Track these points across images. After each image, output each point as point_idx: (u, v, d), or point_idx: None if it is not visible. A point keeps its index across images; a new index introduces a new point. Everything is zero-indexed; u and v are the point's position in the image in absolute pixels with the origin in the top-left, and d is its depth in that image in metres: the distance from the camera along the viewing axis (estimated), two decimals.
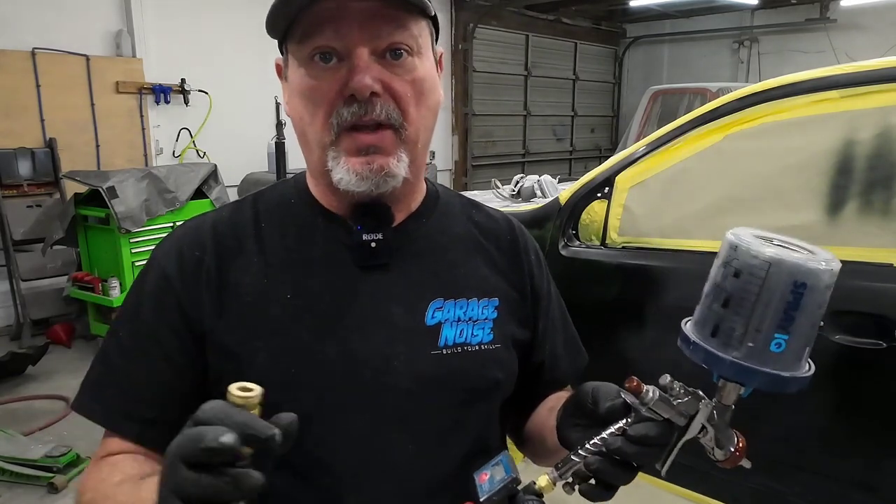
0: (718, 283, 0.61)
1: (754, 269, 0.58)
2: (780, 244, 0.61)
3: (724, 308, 0.60)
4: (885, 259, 1.66)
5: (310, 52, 0.71)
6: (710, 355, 0.61)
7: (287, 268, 0.78)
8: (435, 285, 0.80)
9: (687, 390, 0.65)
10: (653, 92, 7.78)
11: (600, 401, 0.69)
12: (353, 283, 0.77)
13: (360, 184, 0.72)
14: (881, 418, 1.70)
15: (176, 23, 5.71)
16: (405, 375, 0.76)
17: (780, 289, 0.57)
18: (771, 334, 0.58)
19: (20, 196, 4.69)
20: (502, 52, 9.37)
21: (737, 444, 0.65)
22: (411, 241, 0.81)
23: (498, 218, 0.93)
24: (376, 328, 0.76)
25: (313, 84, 0.72)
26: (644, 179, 2.13)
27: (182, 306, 0.75)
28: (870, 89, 1.69)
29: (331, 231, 0.79)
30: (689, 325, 0.65)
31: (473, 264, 0.84)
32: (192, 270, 0.76)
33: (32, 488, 2.81)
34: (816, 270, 0.57)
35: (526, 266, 0.89)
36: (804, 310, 0.57)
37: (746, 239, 0.60)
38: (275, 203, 0.83)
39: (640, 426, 0.64)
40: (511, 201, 3.72)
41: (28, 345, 4.33)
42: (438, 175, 8.07)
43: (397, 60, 0.72)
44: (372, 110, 0.70)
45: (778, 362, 0.59)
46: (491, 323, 0.82)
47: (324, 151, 0.73)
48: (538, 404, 0.91)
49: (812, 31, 9.16)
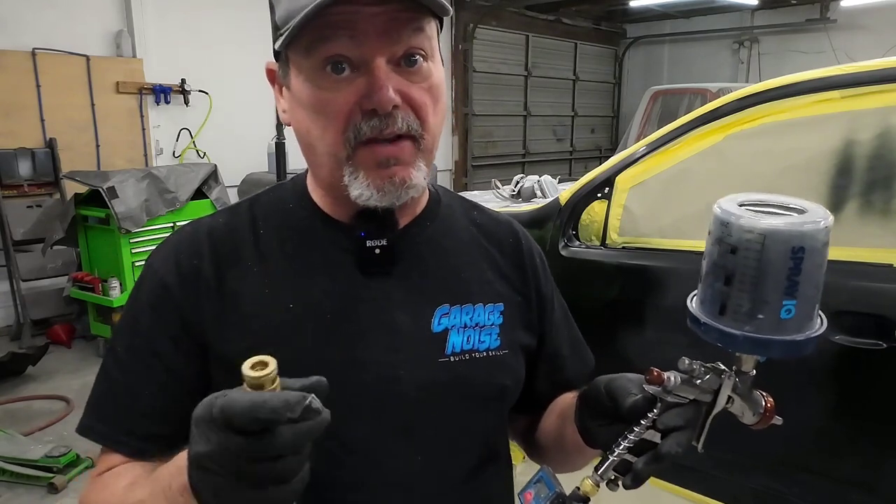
0: (716, 262, 0.60)
1: (750, 244, 0.57)
2: (769, 208, 0.60)
3: (727, 286, 0.59)
4: (885, 259, 1.66)
5: (320, 61, 0.66)
6: (723, 334, 0.60)
7: (288, 275, 0.75)
8: (440, 291, 0.78)
9: (706, 367, 0.65)
10: (653, 92, 7.78)
11: (618, 398, 0.68)
12: (357, 291, 0.75)
13: (381, 199, 0.69)
14: (881, 418, 1.70)
15: (176, 23, 5.71)
16: (412, 384, 0.74)
17: (779, 258, 0.56)
18: (779, 303, 0.57)
19: (20, 196, 4.70)
20: (502, 53, 9.37)
21: (765, 406, 0.66)
22: (415, 246, 0.79)
23: (500, 220, 0.91)
24: (381, 336, 0.74)
25: (326, 97, 0.67)
26: (644, 180, 2.13)
27: (183, 316, 0.73)
28: (870, 90, 1.69)
29: (332, 237, 0.77)
30: (695, 305, 0.64)
31: (478, 269, 0.83)
32: (192, 279, 0.74)
33: (32, 488, 2.82)
34: (812, 232, 0.56)
35: (530, 270, 0.88)
36: (806, 273, 0.56)
37: (736, 213, 0.58)
38: (273, 208, 0.80)
39: (669, 415, 0.65)
40: (511, 202, 3.72)
41: (28, 345, 4.33)
42: (438, 175, 8.07)
43: (413, 67, 0.68)
44: (393, 123, 0.67)
45: (790, 327, 0.58)
46: (497, 329, 0.80)
47: (339, 166, 0.70)
48: (546, 408, 0.90)
49: (812, 32, 9.16)
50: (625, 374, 0.71)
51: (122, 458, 0.73)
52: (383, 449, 0.73)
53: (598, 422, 0.72)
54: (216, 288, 0.74)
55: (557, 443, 0.85)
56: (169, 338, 0.73)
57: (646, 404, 0.66)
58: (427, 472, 0.75)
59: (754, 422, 0.67)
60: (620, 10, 10.10)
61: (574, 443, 0.76)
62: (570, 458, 0.84)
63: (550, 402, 0.90)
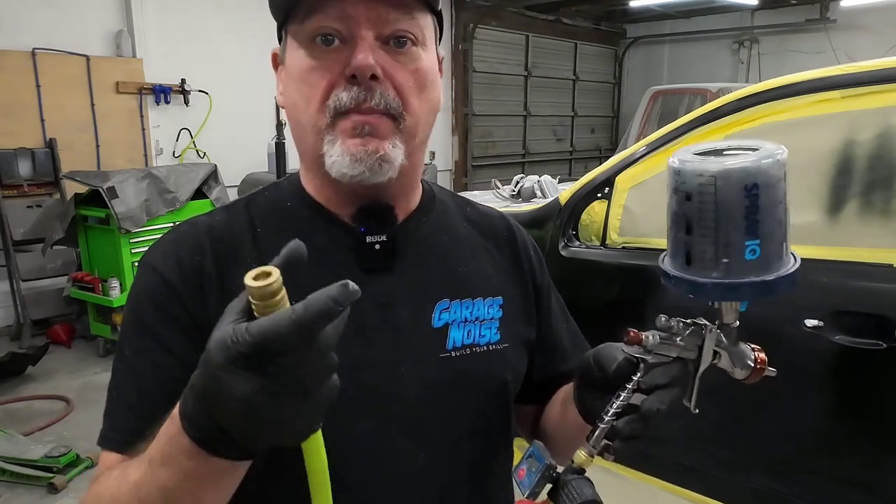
0: (676, 211, 0.59)
1: (703, 188, 0.56)
2: (724, 152, 0.60)
3: (689, 234, 0.59)
4: (885, 259, 1.66)
5: (311, 32, 0.69)
6: (692, 284, 0.60)
7: (287, 273, 0.74)
8: (439, 286, 0.78)
9: (686, 323, 0.64)
10: (653, 92, 7.79)
11: (605, 366, 0.69)
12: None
13: (353, 166, 0.69)
14: (881, 418, 1.70)
15: (176, 23, 5.71)
16: (414, 381, 0.73)
17: (733, 198, 0.56)
18: (741, 244, 0.57)
19: (20, 196, 4.70)
20: (502, 53, 9.37)
21: (755, 358, 0.65)
22: (412, 242, 0.79)
23: (493, 215, 0.91)
24: (383, 333, 0.74)
25: (312, 64, 0.69)
26: (644, 180, 2.13)
27: (189, 311, 0.71)
28: (870, 90, 1.69)
29: (332, 233, 0.76)
30: (666, 260, 0.64)
31: (476, 263, 0.83)
32: (195, 276, 0.72)
33: (32, 488, 2.82)
34: (763, 167, 0.56)
35: (526, 263, 0.88)
36: (764, 210, 0.56)
37: (687, 160, 0.58)
38: (270, 207, 0.79)
39: (652, 374, 0.64)
40: (511, 201, 3.72)
41: (28, 345, 4.33)
42: (438, 175, 8.07)
43: (401, 48, 0.70)
44: (371, 98, 0.68)
45: (759, 268, 0.57)
46: (497, 322, 0.80)
47: (319, 136, 0.70)
48: (549, 400, 0.91)
49: (812, 32, 9.17)
50: (610, 343, 0.72)
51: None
52: (388, 447, 0.73)
53: (593, 395, 0.72)
54: (218, 284, 0.72)
55: (562, 428, 0.85)
56: (180, 331, 0.71)
57: (629, 366, 0.66)
58: (431, 469, 0.75)
59: (745, 375, 0.66)
60: (620, 10, 10.11)
61: (576, 424, 0.76)
62: (575, 441, 0.84)
63: (554, 393, 0.90)
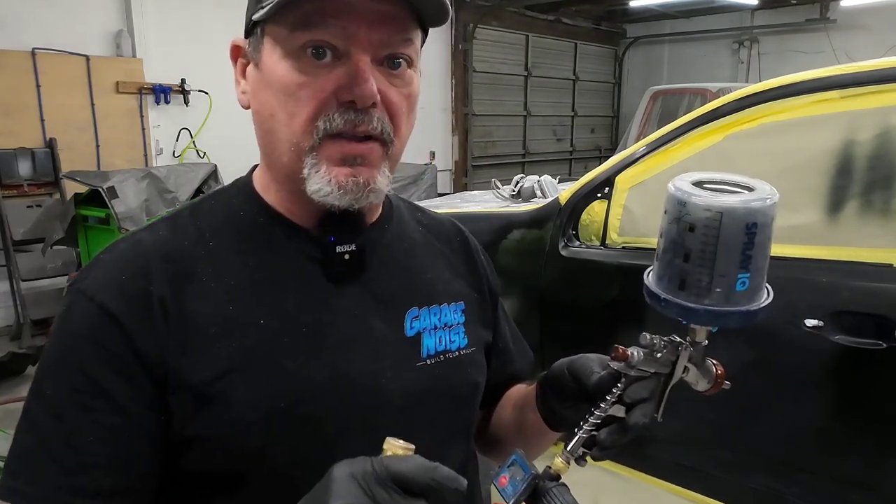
0: (675, 240, 0.62)
1: (708, 222, 0.60)
2: (719, 186, 0.64)
3: (686, 262, 0.62)
4: (885, 259, 1.66)
5: (303, 43, 0.64)
6: (683, 309, 0.63)
7: (253, 289, 0.69)
8: (407, 294, 0.77)
9: (664, 341, 0.69)
10: (653, 92, 7.78)
11: (582, 377, 0.71)
12: (328, 299, 0.71)
13: (341, 197, 0.65)
14: (881, 418, 1.70)
15: (176, 23, 5.71)
16: (395, 392, 0.72)
17: (736, 234, 0.60)
18: (735, 276, 0.61)
19: (20, 196, 4.69)
20: (502, 53, 9.37)
21: (716, 373, 0.70)
22: (379, 250, 0.77)
23: (444, 220, 0.91)
24: (360, 345, 0.71)
25: (301, 80, 0.64)
26: (644, 180, 2.13)
27: (134, 347, 0.63)
28: (870, 90, 1.69)
29: (295, 244, 0.72)
30: (653, 281, 0.67)
31: (437, 268, 0.83)
32: (141, 304, 0.64)
33: None
34: (764, 208, 0.60)
35: (481, 267, 0.89)
36: (758, 246, 0.61)
37: (691, 191, 0.62)
38: (221, 218, 0.73)
39: (635, 388, 0.68)
40: (511, 201, 3.72)
41: (28, 345, 4.32)
42: (438, 175, 8.06)
43: (396, 70, 0.67)
44: (369, 122, 0.65)
45: (744, 298, 0.62)
46: (463, 327, 0.81)
47: (300, 157, 0.66)
48: (498, 402, 0.92)
49: (812, 32, 9.16)
50: (584, 355, 0.74)
51: None
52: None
53: (564, 404, 0.74)
54: (173, 310, 0.65)
55: (517, 432, 0.86)
56: (118, 373, 0.63)
57: (611, 380, 0.69)
58: None
59: (707, 388, 0.70)
60: (620, 10, 10.10)
61: (536, 429, 0.78)
62: (531, 445, 0.85)
63: (502, 396, 0.92)
